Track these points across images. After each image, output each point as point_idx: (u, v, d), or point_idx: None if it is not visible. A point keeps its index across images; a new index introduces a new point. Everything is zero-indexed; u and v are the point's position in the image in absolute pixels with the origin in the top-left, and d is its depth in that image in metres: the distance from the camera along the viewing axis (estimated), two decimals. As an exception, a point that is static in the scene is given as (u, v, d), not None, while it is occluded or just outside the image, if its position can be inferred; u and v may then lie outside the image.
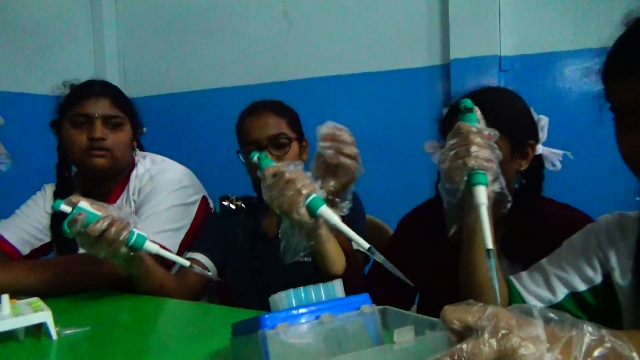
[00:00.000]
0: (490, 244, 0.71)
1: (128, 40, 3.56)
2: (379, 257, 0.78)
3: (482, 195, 0.74)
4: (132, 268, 1.02)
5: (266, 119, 1.28)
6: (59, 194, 1.39)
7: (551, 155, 1.06)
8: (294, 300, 0.61)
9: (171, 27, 3.45)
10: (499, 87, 1.08)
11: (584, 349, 0.41)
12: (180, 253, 1.29)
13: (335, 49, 3.00)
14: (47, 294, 1.06)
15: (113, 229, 0.88)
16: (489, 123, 0.95)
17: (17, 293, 1.01)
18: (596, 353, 0.42)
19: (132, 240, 0.92)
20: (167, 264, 1.18)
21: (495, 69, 2.59)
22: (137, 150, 1.47)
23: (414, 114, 2.82)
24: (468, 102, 0.80)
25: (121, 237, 0.89)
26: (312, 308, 0.59)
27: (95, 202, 0.90)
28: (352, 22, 2.94)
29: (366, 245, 0.78)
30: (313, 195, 0.83)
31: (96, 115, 1.30)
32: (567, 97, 2.49)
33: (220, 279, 1.05)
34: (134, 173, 1.42)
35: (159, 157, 1.49)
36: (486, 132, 0.77)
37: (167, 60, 3.45)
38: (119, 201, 1.39)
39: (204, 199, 1.46)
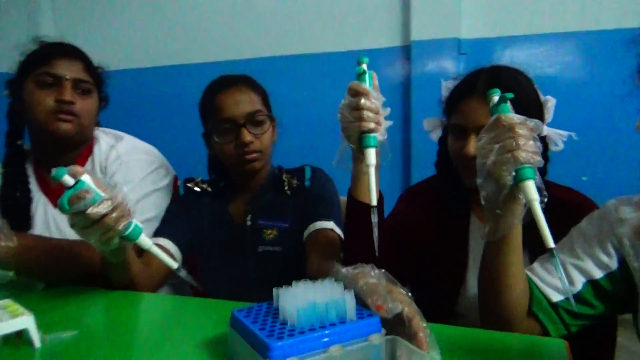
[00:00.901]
0: (552, 243, 0.68)
1: (65, 15, 3.27)
2: (374, 217, 0.83)
3: (534, 190, 0.70)
4: (113, 256, 0.92)
5: (242, 94, 1.18)
6: (9, 166, 1.24)
7: (555, 135, 1.04)
8: (303, 318, 0.60)
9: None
10: (509, 67, 1.04)
11: None
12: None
13: (294, 27, 2.91)
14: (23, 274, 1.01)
15: (114, 215, 0.78)
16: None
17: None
18: None
19: (128, 231, 0.81)
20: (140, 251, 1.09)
21: (454, 51, 2.62)
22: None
23: (373, 95, 2.81)
24: (508, 94, 0.75)
25: (120, 227, 0.79)
26: (322, 334, 0.58)
27: (93, 175, 0.78)
28: (312, 0, 2.87)
29: (374, 202, 0.84)
30: (370, 135, 0.84)
31: (67, 77, 1.17)
32: (522, 81, 2.56)
33: (199, 285, 0.97)
34: (96, 147, 1.28)
35: (120, 133, 1.35)
36: (531, 124, 0.72)
37: (110, 35, 3.21)
38: None
39: (175, 179, 1.36)
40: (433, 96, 2.70)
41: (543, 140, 1.03)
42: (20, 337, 0.73)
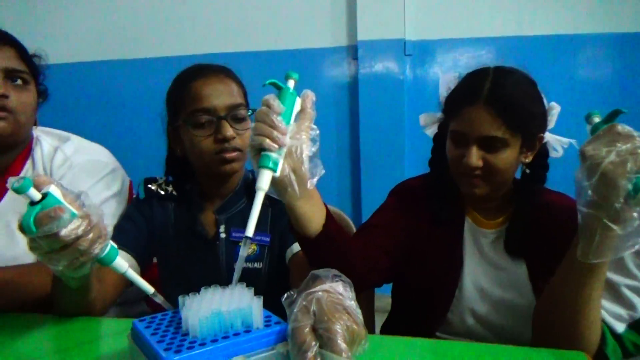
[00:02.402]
0: None
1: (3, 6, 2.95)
2: (243, 251, 0.71)
3: None
4: (75, 281, 0.76)
5: (224, 84, 1.02)
6: None
7: (555, 142, 1.00)
8: (206, 328, 0.56)
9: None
10: (514, 71, 0.96)
11: None
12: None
13: (236, 25, 2.81)
14: None
15: (90, 237, 0.62)
16: (506, 120, 0.89)
17: None
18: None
19: (104, 254, 0.66)
20: None
21: (400, 52, 2.65)
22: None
23: (320, 93, 2.76)
24: (622, 108, 0.69)
25: (95, 251, 0.64)
26: (224, 345, 0.54)
27: (61, 186, 0.62)
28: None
29: (250, 233, 0.70)
30: (266, 153, 0.70)
31: None
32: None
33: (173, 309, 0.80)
34: (37, 149, 1.11)
35: (63, 133, 1.19)
36: None
37: (49, 27, 2.93)
38: None
39: (130, 183, 1.21)
40: (380, 96, 2.73)
41: (544, 147, 1.00)
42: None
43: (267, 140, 0.68)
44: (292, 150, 0.72)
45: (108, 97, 2.96)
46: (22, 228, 0.59)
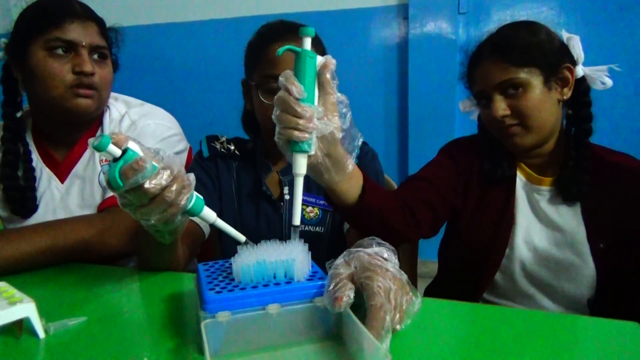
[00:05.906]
0: None
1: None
2: (294, 237, 0.67)
3: None
4: (170, 236, 0.76)
5: None
6: (9, 142, 1.09)
7: (595, 73, 0.95)
8: (249, 275, 0.60)
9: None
10: (519, 22, 0.98)
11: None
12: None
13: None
14: (37, 266, 0.92)
15: (174, 187, 0.62)
16: (511, 59, 0.91)
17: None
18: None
19: (191, 204, 0.66)
20: None
21: (453, 10, 2.52)
22: None
23: (368, 55, 2.69)
24: None
25: (183, 201, 0.64)
26: (261, 292, 0.57)
27: (139, 143, 0.62)
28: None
29: (297, 222, 0.68)
30: (300, 142, 0.65)
31: (83, 43, 1.02)
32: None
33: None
34: (106, 115, 1.15)
35: (132, 99, 1.22)
36: None
37: None
38: (88, 151, 1.13)
39: (189, 149, 1.24)
40: (431, 58, 2.61)
41: (582, 82, 0.95)
42: (20, 328, 0.64)
43: (296, 133, 0.64)
44: (323, 134, 0.66)
45: (161, 61, 2.99)
46: (110, 184, 0.60)
